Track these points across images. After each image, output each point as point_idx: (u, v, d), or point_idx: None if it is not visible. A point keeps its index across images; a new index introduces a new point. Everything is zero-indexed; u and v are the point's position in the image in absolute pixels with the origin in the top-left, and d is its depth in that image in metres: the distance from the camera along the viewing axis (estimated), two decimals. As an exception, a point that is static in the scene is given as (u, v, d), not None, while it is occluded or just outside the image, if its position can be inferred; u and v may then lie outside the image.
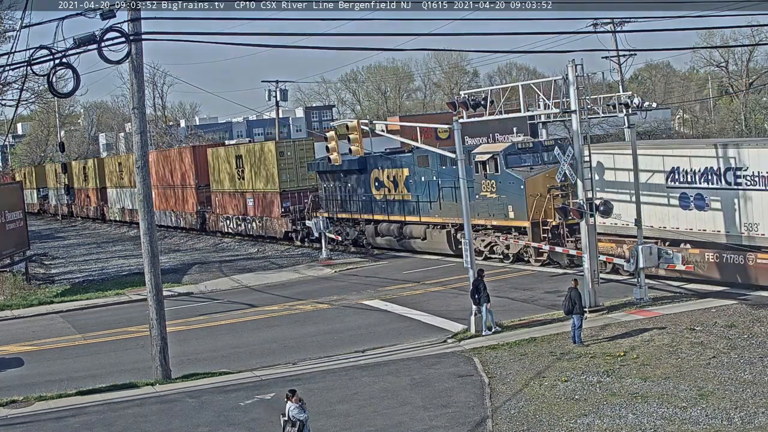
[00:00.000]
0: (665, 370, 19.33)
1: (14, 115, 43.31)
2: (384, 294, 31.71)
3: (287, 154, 45.52)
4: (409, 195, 38.56)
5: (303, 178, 45.74)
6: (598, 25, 57.80)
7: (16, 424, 19.35)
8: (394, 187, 39.45)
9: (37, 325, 31.75)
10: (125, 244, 57.26)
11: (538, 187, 32.52)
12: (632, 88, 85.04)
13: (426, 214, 37.85)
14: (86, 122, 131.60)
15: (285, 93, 71.05)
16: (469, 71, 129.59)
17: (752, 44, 74.66)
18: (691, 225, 27.89)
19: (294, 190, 45.39)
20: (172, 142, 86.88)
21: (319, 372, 21.79)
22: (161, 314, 22.41)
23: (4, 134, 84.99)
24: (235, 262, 44.20)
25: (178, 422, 18.65)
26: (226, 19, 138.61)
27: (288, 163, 45.26)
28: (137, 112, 22.20)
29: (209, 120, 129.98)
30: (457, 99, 27.74)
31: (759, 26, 60.97)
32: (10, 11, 42.30)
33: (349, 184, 42.35)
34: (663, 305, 25.53)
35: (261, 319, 29.68)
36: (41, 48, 19.75)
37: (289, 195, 45.33)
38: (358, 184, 41.88)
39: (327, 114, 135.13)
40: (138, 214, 22.78)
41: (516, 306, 27.58)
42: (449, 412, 17.78)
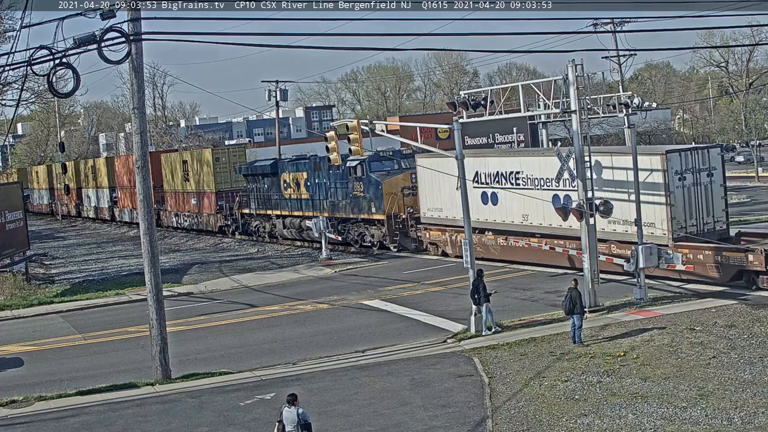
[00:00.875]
0: (665, 370, 19.33)
1: (14, 115, 43.37)
2: (384, 294, 31.72)
3: (222, 160, 52.82)
4: (307, 194, 45.24)
5: (235, 180, 52.44)
6: (598, 25, 57.87)
7: (16, 424, 19.34)
8: (297, 188, 46.08)
9: (37, 325, 31.75)
10: (125, 244, 57.28)
11: (393, 188, 39.72)
12: (632, 88, 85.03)
13: (318, 210, 44.43)
14: (86, 122, 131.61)
15: (285, 93, 71.03)
16: (469, 71, 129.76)
17: (752, 44, 74.74)
18: (488, 217, 35.27)
19: (227, 191, 52.36)
20: (172, 142, 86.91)
21: (319, 372, 21.79)
22: (161, 314, 22.41)
23: (4, 134, 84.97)
24: (235, 262, 44.21)
25: (178, 422, 18.65)
26: (226, 19, 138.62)
27: (223, 167, 52.40)
28: (137, 112, 22.19)
29: (209, 120, 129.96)
30: (457, 99, 27.75)
31: (759, 26, 61.02)
32: (10, 11, 42.27)
33: (266, 185, 48.62)
34: (663, 305, 25.54)
35: (261, 319, 29.68)
36: (41, 48, 19.75)
37: (223, 195, 52.55)
38: (272, 185, 48.18)
39: (327, 114, 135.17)
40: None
41: (516, 306, 27.58)
42: (449, 412, 17.78)
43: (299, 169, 46.17)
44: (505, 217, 34.49)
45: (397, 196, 39.57)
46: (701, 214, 28.58)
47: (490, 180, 35.15)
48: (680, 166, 28.30)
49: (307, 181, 45.18)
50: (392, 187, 39.73)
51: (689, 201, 28.39)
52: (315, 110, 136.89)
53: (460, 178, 26.39)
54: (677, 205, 28.07)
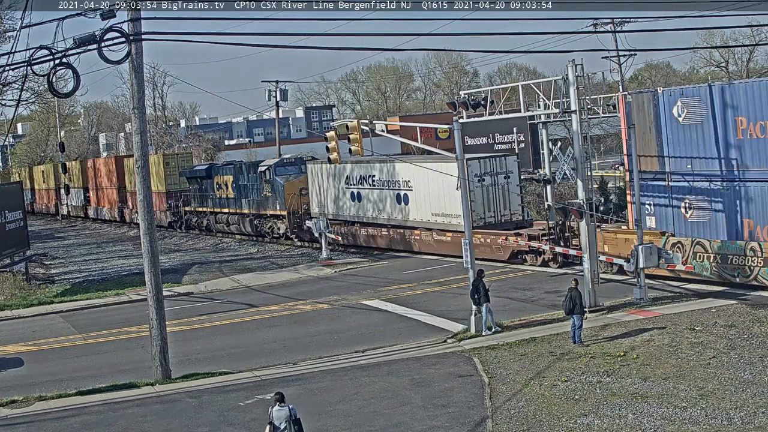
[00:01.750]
0: (665, 370, 19.33)
1: (14, 115, 43.44)
2: (384, 294, 31.72)
3: (171, 164, 60.07)
4: (233, 194, 51.99)
5: (183, 182, 59.21)
6: (598, 25, 57.81)
7: (17, 424, 19.35)
8: (225, 188, 52.81)
9: (37, 325, 31.75)
10: (125, 244, 57.29)
11: (293, 189, 46.56)
12: (632, 88, 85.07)
13: (240, 207, 51.67)
14: (86, 122, 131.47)
15: (285, 93, 71.07)
16: (469, 71, 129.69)
17: (752, 44, 74.69)
18: (356, 212, 42.77)
19: (176, 191, 59.66)
20: (172, 142, 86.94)
21: (319, 372, 21.79)
22: (161, 314, 22.41)
23: (4, 134, 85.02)
24: (234, 262, 44.22)
25: (178, 422, 18.65)
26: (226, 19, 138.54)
27: (172, 171, 59.54)
28: (137, 112, 22.19)
29: (209, 120, 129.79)
30: (457, 99, 27.76)
31: (759, 26, 61.02)
32: (10, 11, 42.28)
33: (204, 186, 55.69)
34: (663, 305, 25.54)
35: (261, 319, 29.68)
36: (41, 48, 19.75)
37: (172, 195, 59.84)
38: (208, 186, 55.03)
39: (327, 114, 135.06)
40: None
41: (516, 306, 27.59)
42: (449, 412, 17.78)
43: (227, 172, 52.83)
44: (366, 212, 42.26)
45: (296, 196, 46.47)
46: (498, 208, 35.97)
47: (356, 182, 42.60)
48: (479, 171, 35.50)
49: (233, 183, 51.94)
50: (292, 188, 46.61)
51: (487, 198, 35.67)
52: (315, 110, 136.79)
53: (461, 179, 26.40)
54: (477, 201, 34.78)
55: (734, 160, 26.63)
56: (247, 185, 50.32)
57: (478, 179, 35.15)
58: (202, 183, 55.70)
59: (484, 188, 35.50)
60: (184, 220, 59.37)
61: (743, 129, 26.42)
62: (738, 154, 26.43)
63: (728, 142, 26.73)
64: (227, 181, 52.44)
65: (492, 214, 35.73)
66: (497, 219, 35.96)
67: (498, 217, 35.99)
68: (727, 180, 26.78)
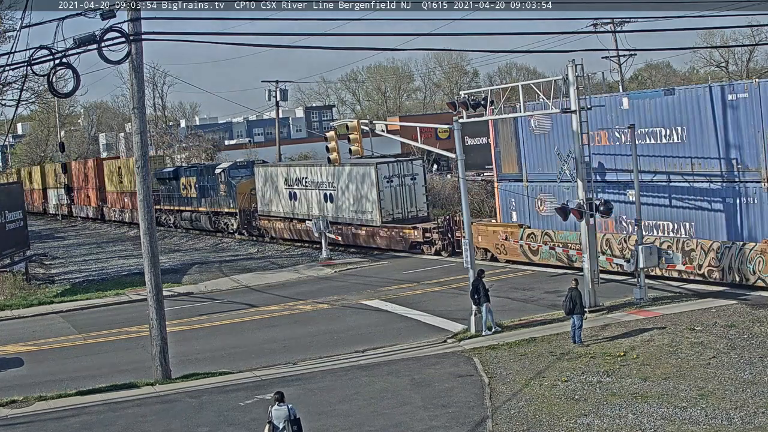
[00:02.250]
0: (665, 370, 19.33)
1: (14, 115, 43.46)
2: (384, 294, 31.72)
3: None
4: (196, 194, 56.66)
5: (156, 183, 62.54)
6: (598, 25, 57.81)
7: (17, 424, 19.35)
8: (190, 189, 57.40)
9: (37, 325, 31.75)
10: (125, 244, 57.30)
11: (244, 189, 51.52)
12: (632, 88, 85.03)
13: (202, 206, 56.29)
14: (86, 122, 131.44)
15: (285, 93, 71.04)
16: (469, 71, 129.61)
17: (752, 44, 74.68)
18: (293, 209, 47.43)
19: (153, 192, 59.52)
20: (172, 142, 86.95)
21: (319, 372, 21.79)
22: (161, 314, 22.41)
23: (4, 134, 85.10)
24: (234, 262, 44.22)
25: (178, 422, 18.65)
26: (226, 19, 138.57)
27: None
28: (137, 112, 22.19)
29: (209, 120, 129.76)
30: (457, 99, 27.73)
31: (759, 26, 61.00)
32: (10, 11, 42.28)
33: (171, 187, 60.61)
34: (663, 305, 25.54)
35: (261, 319, 29.69)
36: (41, 48, 19.75)
37: None
38: (175, 187, 59.98)
39: (327, 114, 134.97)
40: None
41: (516, 306, 27.59)
42: (449, 412, 17.79)
43: (191, 174, 57.76)
44: (301, 210, 46.92)
45: (247, 196, 51.39)
46: (405, 206, 40.93)
47: (292, 183, 47.42)
48: (388, 173, 40.50)
49: (195, 183, 56.70)
50: (244, 188, 51.53)
51: (395, 197, 40.67)
52: (315, 110, 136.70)
53: (461, 179, 26.39)
54: (385, 199, 40.35)
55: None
56: (207, 186, 55.31)
57: (387, 180, 40.36)
58: (170, 184, 60.57)
59: (392, 188, 40.62)
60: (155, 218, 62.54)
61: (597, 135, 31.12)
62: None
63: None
64: (191, 182, 57.23)
65: (399, 210, 40.88)
66: (404, 215, 41.01)
67: (405, 214, 41.01)
68: (565, 180, 28.79)
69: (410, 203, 41.03)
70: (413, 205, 41.15)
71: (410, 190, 40.97)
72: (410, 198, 41.02)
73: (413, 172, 41.12)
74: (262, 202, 50.31)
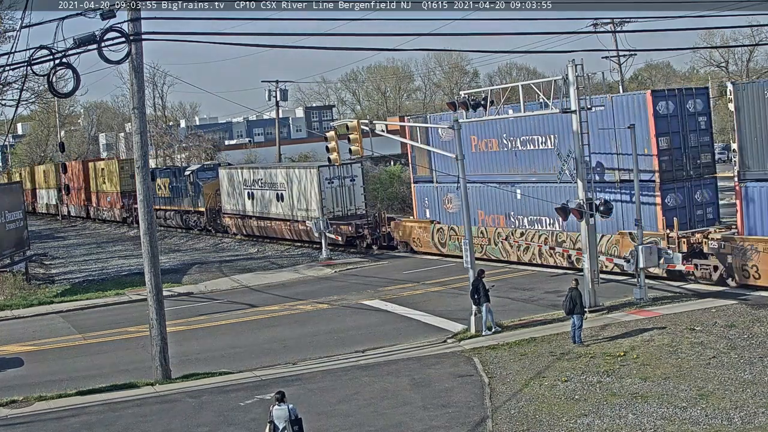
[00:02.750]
0: (665, 370, 19.33)
1: (14, 115, 43.45)
2: (384, 294, 31.72)
3: (125, 168, 67.96)
4: (169, 194, 61.11)
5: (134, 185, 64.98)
6: (598, 25, 57.82)
7: (17, 424, 19.35)
8: (164, 189, 61.96)
9: (37, 325, 31.75)
10: (125, 244, 57.32)
11: (210, 190, 55.73)
12: (632, 88, 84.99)
13: (173, 205, 60.87)
14: (86, 122, 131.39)
15: (285, 93, 71.09)
16: (469, 71, 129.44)
17: (752, 44, 74.66)
18: (251, 208, 51.32)
19: (129, 191, 65.81)
20: (172, 142, 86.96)
21: (319, 372, 21.79)
22: (161, 314, 22.41)
23: (4, 134, 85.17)
24: (234, 262, 44.22)
25: (178, 422, 18.65)
26: (226, 19, 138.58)
27: (126, 174, 67.31)
28: (137, 112, 22.19)
29: (209, 120, 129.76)
30: (457, 99, 27.75)
31: (759, 26, 60.99)
32: (10, 11, 42.30)
33: None
34: (663, 305, 25.54)
35: (261, 319, 29.69)
36: (41, 48, 19.74)
37: (127, 194, 67.00)
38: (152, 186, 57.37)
39: (327, 114, 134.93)
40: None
41: (516, 306, 27.59)
42: (449, 412, 17.79)
43: (165, 176, 62.34)
44: (257, 208, 50.69)
45: (213, 196, 55.67)
46: (345, 204, 44.93)
47: (250, 184, 51.25)
48: (329, 175, 44.37)
49: (169, 184, 61.04)
50: (210, 189, 55.76)
51: (336, 196, 44.67)
52: (315, 110, 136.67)
53: (461, 179, 26.39)
54: (327, 198, 44.27)
55: (469, 166, 32.32)
56: (178, 186, 59.75)
57: (328, 182, 44.56)
58: None
59: (333, 189, 44.74)
60: (134, 216, 66.70)
61: (475, 144, 36.35)
62: (470, 162, 33.89)
63: (481, 154, 36.32)
64: (165, 183, 61.67)
65: (340, 209, 44.95)
66: (344, 213, 44.94)
67: (345, 211, 44.97)
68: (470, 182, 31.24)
69: (349, 202, 45.30)
70: (352, 204, 45.37)
71: (350, 191, 45.34)
72: (350, 197, 45.33)
73: (353, 174, 45.40)
74: (225, 201, 54.55)
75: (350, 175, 45.32)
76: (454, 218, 37.76)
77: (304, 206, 45.87)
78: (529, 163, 33.85)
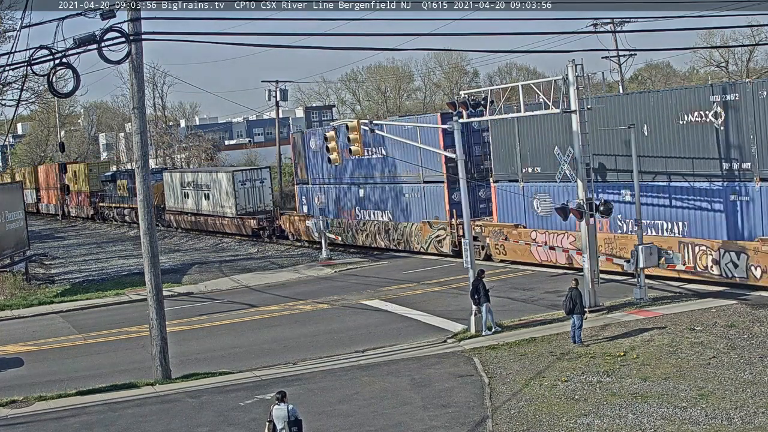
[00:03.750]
0: (665, 370, 19.33)
1: (14, 115, 43.41)
2: (384, 294, 31.72)
3: (94, 171, 77.31)
4: (127, 194, 68.01)
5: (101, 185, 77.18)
6: (598, 25, 57.81)
7: (17, 424, 19.35)
8: (123, 189, 69.72)
9: (37, 325, 31.76)
10: (125, 244, 57.34)
11: (157, 190, 60.62)
12: (632, 88, 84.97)
13: (129, 203, 67.04)
14: (86, 122, 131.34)
15: (285, 93, 71.08)
16: (469, 71, 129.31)
17: (752, 44, 74.61)
18: (187, 206, 58.63)
19: (97, 191, 76.29)
20: (172, 142, 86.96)
21: (319, 372, 21.79)
22: (161, 314, 22.41)
23: (4, 134, 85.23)
24: (234, 262, 44.23)
25: (178, 422, 18.65)
26: (226, 19, 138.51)
27: (94, 176, 76.52)
28: (137, 112, 22.20)
29: (209, 120, 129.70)
30: (457, 99, 27.73)
31: (759, 26, 60.97)
32: (10, 11, 42.33)
33: (111, 188, 73.22)
34: (663, 305, 25.54)
35: (261, 319, 29.69)
36: (41, 48, 19.72)
37: (96, 194, 76.39)
38: (114, 188, 72.56)
39: (327, 114, 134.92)
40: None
41: (516, 306, 27.59)
42: (449, 412, 17.78)
43: (124, 178, 70.01)
44: (192, 206, 58.50)
45: (159, 195, 62.22)
46: (255, 202, 53.36)
47: (186, 185, 59.20)
48: (242, 178, 53.34)
49: (127, 185, 68.27)
50: (157, 189, 61.36)
51: (247, 196, 53.22)
52: (315, 110, 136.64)
53: (461, 179, 26.38)
54: (240, 197, 52.93)
55: (353, 172, 45.33)
56: (133, 187, 66.17)
57: (241, 183, 53.28)
58: (110, 185, 73.25)
59: (245, 189, 53.29)
60: (100, 213, 77.26)
61: (339, 153, 41.14)
62: (339, 168, 45.04)
63: None
64: (124, 184, 69.53)
65: (251, 206, 53.40)
66: (255, 209, 53.23)
67: (255, 208, 53.33)
68: (330, 183, 47.50)
69: (259, 200, 53.59)
70: (261, 202, 53.68)
71: (259, 191, 53.73)
72: (259, 196, 53.66)
73: (262, 177, 54.28)
74: (168, 200, 62.92)
75: (260, 177, 54.10)
76: (320, 212, 48.02)
77: (224, 203, 54.65)
78: (371, 169, 43.62)
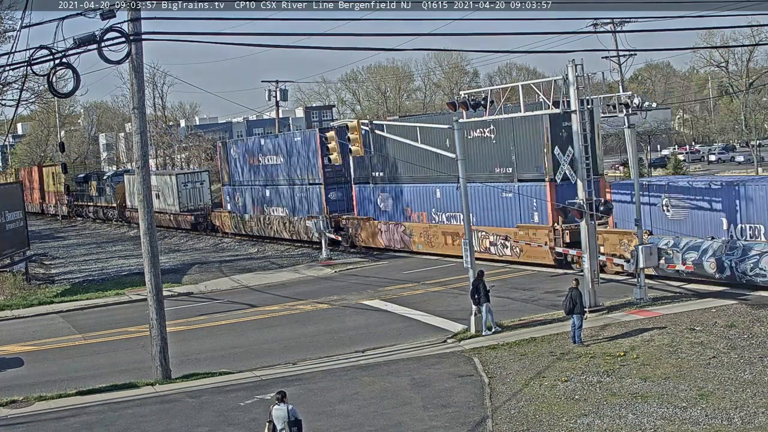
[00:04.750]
0: (665, 370, 19.33)
1: (14, 115, 43.44)
2: (384, 294, 31.72)
3: (70, 172, 79.11)
4: (96, 193, 76.42)
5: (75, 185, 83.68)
6: (598, 25, 57.84)
7: (17, 424, 19.34)
8: (94, 189, 77.48)
9: (37, 325, 31.75)
10: (125, 244, 57.35)
11: (121, 190, 70.63)
12: (632, 88, 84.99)
13: (100, 202, 76.13)
14: (86, 122, 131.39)
15: (285, 93, 71.15)
16: (469, 71, 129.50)
17: (752, 44, 74.64)
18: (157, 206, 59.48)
19: (73, 191, 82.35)
20: (172, 142, 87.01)
21: (319, 372, 21.79)
22: (161, 314, 22.40)
23: (4, 134, 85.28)
24: (234, 262, 44.22)
25: (178, 422, 18.65)
26: (226, 19, 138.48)
27: (69, 177, 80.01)
28: (137, 112, 22.19)
29: (209, 120, 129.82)
30: (457, 99, 27.73)
31: (759, 26, 61.00)
32: (10, 11, 42.33)
33: (83, 188, 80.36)
34: (663, 305, 25.54)
35: (261, 319, 29.68)
36: (41, 48, 19.71)
37: (72, 193, 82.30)
38: (86, 188, 79.75)
39: (327, 114, 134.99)
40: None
41: (516, 306, 27.59)
42: (449, 412, 17.78)
43: (95, 179, 77.90)
44: (161, 206, 61.64)
45: (122, 195, 70.19)
46: (196, 201, 60.44)
47: (165, 188, 63.47)
48: (185, 180, 61.04)
49: (96, 186, 76.75)
50: (120, 190, 70.86)
51: (189, 196, 60.55)
52: (315, 110, 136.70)
53: (460, 178, 26.38)
54: (183, 197, 60.09)
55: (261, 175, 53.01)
56: (102, 188, 75.92)
57: (183, 184, 60.73)
58: (83, 186, 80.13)
59: (187, 189, 60.76)
60: (74, 211, 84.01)
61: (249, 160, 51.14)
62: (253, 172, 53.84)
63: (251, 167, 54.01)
64: (94, 185, 77.23)
65: (192, 204, 60.40)
66: (195, 207, 60.40)
67: (196, 206, 60.54)
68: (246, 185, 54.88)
69: (199, 199, 60.94)
70: (201, 200, 61.03)
71: (199, 191, 61.15)
72: (199, 196, 61.02)
73: (201, 179, 61.76)
74: (128, 199, 68.76)
75: (200, 179, 61.72)
76: (239, 209, 55.69)
77: (171, 202, 61.49)
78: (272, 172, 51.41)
